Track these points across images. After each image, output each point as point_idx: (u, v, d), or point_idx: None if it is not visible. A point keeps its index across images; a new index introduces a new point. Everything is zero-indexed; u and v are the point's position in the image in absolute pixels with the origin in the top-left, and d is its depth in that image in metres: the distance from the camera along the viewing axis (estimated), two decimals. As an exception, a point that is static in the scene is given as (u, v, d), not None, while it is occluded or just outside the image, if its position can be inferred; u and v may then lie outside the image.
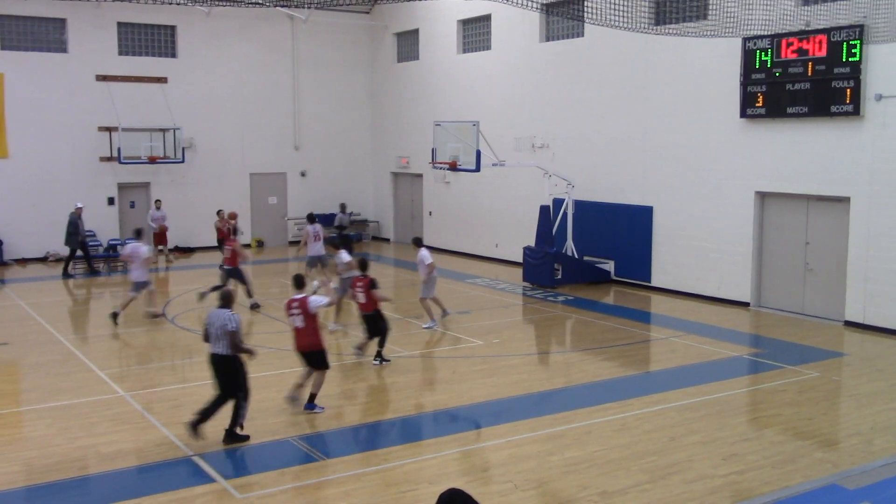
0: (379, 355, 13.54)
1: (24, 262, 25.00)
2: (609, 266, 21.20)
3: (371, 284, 13.27)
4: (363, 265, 13.84)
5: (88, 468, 9.40)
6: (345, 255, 15.92)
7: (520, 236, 23.16)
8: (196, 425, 9.96)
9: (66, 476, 9.13)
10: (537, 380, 13.05)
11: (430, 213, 27.96)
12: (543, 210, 20.81)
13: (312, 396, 11.17)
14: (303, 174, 29.56)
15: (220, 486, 8.83)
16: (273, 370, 13.63)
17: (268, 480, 8.96)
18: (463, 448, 10.10)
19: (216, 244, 24.03)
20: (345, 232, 18.66)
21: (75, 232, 22.95)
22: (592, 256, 21.46)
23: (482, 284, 21.26)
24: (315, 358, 11.13)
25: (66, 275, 22.74)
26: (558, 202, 21.36)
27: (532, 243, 21.28)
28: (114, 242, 25.61)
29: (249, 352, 10.28)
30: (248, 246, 26.45)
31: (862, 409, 11.47)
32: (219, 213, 24.23)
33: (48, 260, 25.24)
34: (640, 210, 20.34)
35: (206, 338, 10.20)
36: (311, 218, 20.17)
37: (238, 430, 10.09)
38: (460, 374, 13.22)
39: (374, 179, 31.01)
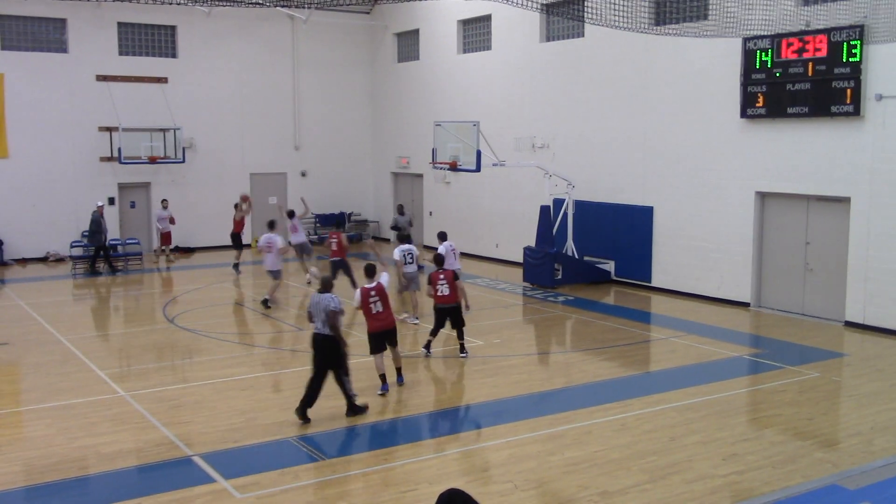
0: (463, 348, 14.12)
1: (24, 262, 24.99)
2: (609, 266, 21.20)
3: (455, 276, 13.99)
4: (440, 260, 14.49)
5: (88, 468, 9.40)
6: (396, 253, 16.76)
7: (520, 236, 23.16)
8: (304, 412, 10.73)
9: (66, 476, 9.12)
10: (537, 380, 13.04)
11: (431, 214, 27.95)
12: (544, 210, 20.81)
13: (399, 370, 12.44)
14: (303, 174, 29.56)
15: (220, 486, 8.83)
16: (273, 370, 13.65)
17: (268, 480, 8.96)
18: (463, 448, 10.10)
19: (230, 241, 23.48)
20: (403, 233, 18.83)
21: (98, 230, 23.24)
22: (593, 256, 21.45)
23: (482, 284, 21.26)
24: (394, 334, 12.20)
25: (94, 271, 23.23)
26: (558, 202, 21.36)
27: (532, 243, 21.28)
28: (113, 242, 25.56)
29: (341, 338, 10.84)
30: (248, 246, 26.41)
31: (862, 409, 11.47)
32: (242, 200, 23.49)
33: (48, 260, 25.24)
34: (640, 210, 20.34)
35: (311, 319, 10.97)
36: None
37: (356, 402, 11.03)
38: (460, 374, 13.22)
39: (374, 179, 31.01)
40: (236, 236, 23.19)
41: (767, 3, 15.41)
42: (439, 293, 13.82)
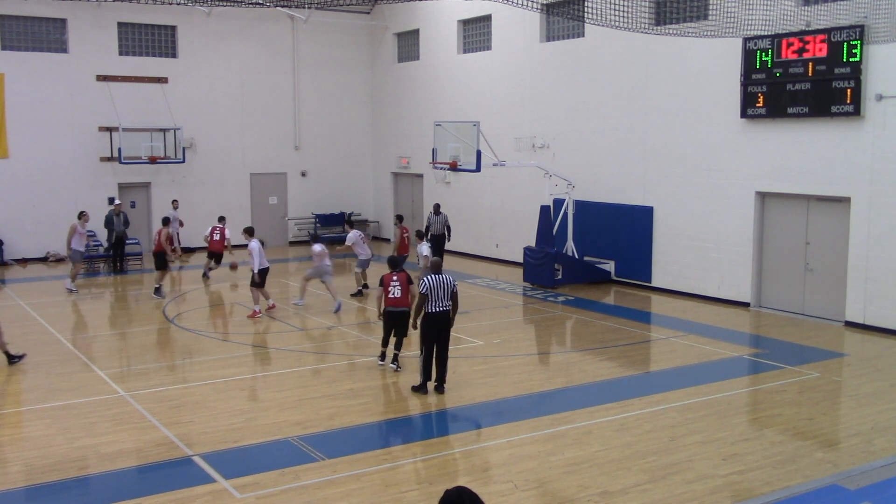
0: (396, 358, 13.26)
1: (24, 262, 25.00)
2: (609, 266, 21.20)
3: (409, 280, 12.97)
4: (394, 262, 13.41)
5: (88, 468, 9.39)
6: (424, 248, 17.77)
7: (520, 236, 23.16)
8: (426, 388, 11.94)
9: (66, 476, 9.12)
10: (537, 380, 13.04)
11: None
12: (544, 210, 20.81)
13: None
14: (303, 174, 29.57)
15: (220, 486, 8.83)
16: (273, 370, 13.65)
17: (268, 480, 8.95)
18: (463, 448, 10.10)
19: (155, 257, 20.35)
20: (431, 232, 19.28)
21: (110, 229, 23.55)
22: (593, 257, 21.45)
23: (482, 284, 21.25)
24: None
25: (119, 270, 23.61)
26: (559, 202, 21.36)
27: (532, 243, 21.28)
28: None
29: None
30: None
31: (862, 409, 11.47)
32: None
33: (48, 260, 25.24)
34: (641, 210, 20.34)
35: (425, 300, 11.70)
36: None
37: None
38: (460, 374, 13.20)
39: (374, 179, 31.01)
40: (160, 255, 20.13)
41: (767, 3, 15.41)
42: (391, 295, 12.88)
